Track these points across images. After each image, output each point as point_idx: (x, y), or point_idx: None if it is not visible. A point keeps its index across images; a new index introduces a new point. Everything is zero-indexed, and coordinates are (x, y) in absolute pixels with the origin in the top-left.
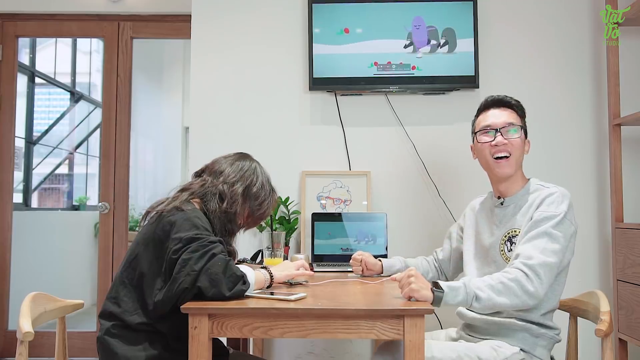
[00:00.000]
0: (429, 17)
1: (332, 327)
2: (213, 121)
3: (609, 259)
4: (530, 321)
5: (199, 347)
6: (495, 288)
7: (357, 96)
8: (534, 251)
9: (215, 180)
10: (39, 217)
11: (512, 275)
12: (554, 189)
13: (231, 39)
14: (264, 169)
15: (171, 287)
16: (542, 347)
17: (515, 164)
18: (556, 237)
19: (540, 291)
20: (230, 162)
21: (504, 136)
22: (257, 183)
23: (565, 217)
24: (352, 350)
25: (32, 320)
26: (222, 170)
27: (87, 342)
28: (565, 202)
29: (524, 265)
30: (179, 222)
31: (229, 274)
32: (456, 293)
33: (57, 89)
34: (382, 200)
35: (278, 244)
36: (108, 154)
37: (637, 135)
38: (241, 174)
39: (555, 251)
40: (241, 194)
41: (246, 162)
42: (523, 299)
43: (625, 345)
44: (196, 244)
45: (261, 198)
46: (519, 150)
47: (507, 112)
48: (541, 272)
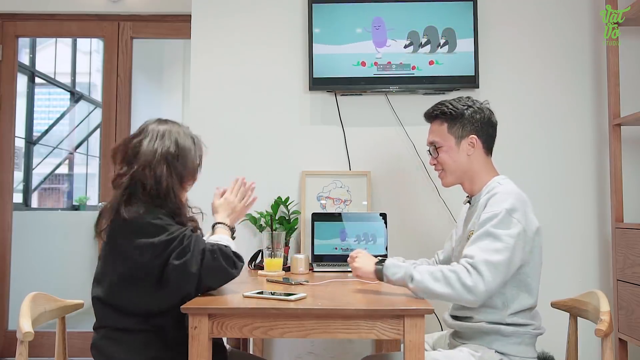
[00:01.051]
0: (429, 17)
1: (332, 327)
2: (213, 121)
3: (609, 259)
4: (498, 323)
5: (199, 347)
6: (434, 275)
7: (357, 96)
8: (476, 251)
9: (135, 165)
10: (39, 217)
11: (453, 268)
12: (499, 188)
13: (231, 39)
14: (180, 125)
15: (175, 294)
16: (517, 344)
17: (452, 175)
18: (498, 235)
19: (480, 286)
20: (148, 137)
21: (432, 155)
22: (171, 144)
23: (507, 215)
24: (352, 350)
25: (32, 320)
26: (139, 150)
27: (87, 342)
28: (508, 200)
29: (467, 262)
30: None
31: (225, 257)
32: (396, 270)
33: (57, 89)
34: (382, 200)
35: (278, 244)
36: (108, 154)
37: (637, 135)
38: (157, 143)
39: (498, 249)
40: (164, 165)
41: (161, 126)
42: (459, 291)
43: (625, 345)
44: (177, 245)
45: (181, 156)
46: (448, 163)
47: (433, 126)
48: (482, 268)
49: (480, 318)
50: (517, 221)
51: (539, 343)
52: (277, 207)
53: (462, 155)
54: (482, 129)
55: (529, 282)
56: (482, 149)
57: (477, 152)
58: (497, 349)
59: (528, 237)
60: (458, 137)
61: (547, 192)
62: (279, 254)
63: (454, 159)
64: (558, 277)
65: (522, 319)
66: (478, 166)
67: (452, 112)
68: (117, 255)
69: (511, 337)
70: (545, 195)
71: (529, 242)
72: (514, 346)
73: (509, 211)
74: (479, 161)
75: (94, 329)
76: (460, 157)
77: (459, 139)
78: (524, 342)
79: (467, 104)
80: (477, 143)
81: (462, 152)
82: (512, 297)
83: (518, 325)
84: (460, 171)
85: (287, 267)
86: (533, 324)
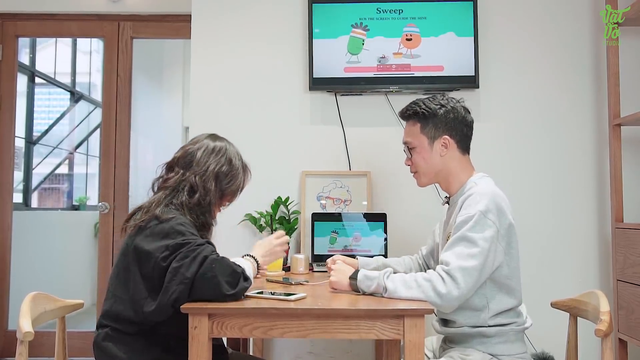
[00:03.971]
0: (429, 17)
1: (332, 327)
2: (213, 121)
3: (609, 259)
4: (480, 325)
5: (199, 347)
6: (407, 284)
7: (357, 96)
8: (452, 257)
9: (187, 173)
10: (39, 217)
11: (428, 276)
12: (474, 188)
13: (231, 39)
14: (233, 145)
15: (163, 297)
16: (502, 343)
17: (425, 176)
18: (472, 239)
19: (453, 293)
20: (202, 148)
21: (407, 154)
22: (225, 162)
23: (482, 217)
24: (352, 350)
25: (32, 320)
26: (193, 159)
27: (87, 342)
28: (481, 201)
29: (442, 269)
30: (164, 231)
31: (227, 273)
32: (370, 282)
33: (57, 89)
34: (382, 200)
35: None
36: (108, 153)
37: (637, 135)
38: (211, 158)
39: (472, 255)
40: (213, 180)
41: (216, 142)
42: (432, 298)
43: (625, 345)
44: (185, 250)
45: (230, 175)
46: (420, 165)
47: (407, 126)
48: (457, 275)
49: (463, 322)
50: (492, 222)
51: (539, 343)
52: (277, 207)
53: (435, 156)
54: (456, 128)
55: (509, 284)
56: (456, 149)
57: (451, 152)
58: (484, 350)
59: (502, 237)
60: (431, 138)
61: (547, 192)
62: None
63: (427, 160)
64: (558, 277)
65: (504, 319)
66: (453, 166)
67: (425, 112)
68: (136, 253)
69: (494, 337)
70: (545, 195)
71: (502, 241)
72: (500, 345)
73: (483, 213)
74: (454, 161)
75: (97, 327)
76: (433, 158)
77: (431, 140)
78: (509, 340)
79: (440, 103)
80: (450, 143)
81: (435, 153)
82: (493, 299)
83: (502, 326)
84: (434, 172)
85: (287, 267)
86: (516, 321)
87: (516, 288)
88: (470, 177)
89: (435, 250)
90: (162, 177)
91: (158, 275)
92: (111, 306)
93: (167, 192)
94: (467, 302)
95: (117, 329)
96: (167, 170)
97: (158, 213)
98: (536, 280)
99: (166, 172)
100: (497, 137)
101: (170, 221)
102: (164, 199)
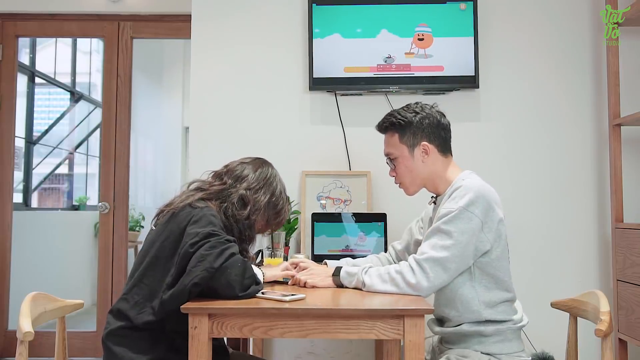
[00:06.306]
0: (429, 17)
1: (332, 327)
2: (213, 121)
3: (609, 259)
4: (477, 321)
5: (199, 347)
6: (382, 277)
7: (357, 96)
8: (426, 248)
9: (237, 185)
10: (39, 217)
11: (399, 268)
12: (461, 182)
13: (231, 39)
14: (280, 176)
15: (185, 278)
16: (500, 342)
17: (413, 184)
18: (447, 232)
19: (423, 283)
20: (253, 168)
21: (389, 166)
22: (276, 191)
23: (463, 211)
24: (352, 350)
25: (32, 320)
26: (245, 175)
27: (87, 342)
28: (466, 195)
29: (413, 259)
30: (194, 218)
31: (247, 275)
32: (351, 279)
33: (57, 89)
34: (382, 200)
35: (278, 244)
36: (108, 154)
37: (637, 135)
38: (264, 182)
39: (445, 246)
40: (265, 203)
41: (269, 169)
42: (404, 289)
43: (625, 346)
44: (214, 240)
45: (279, 206)
46: (405, 175)
47: (386, 137)
48: (426, 266)
49: (457, 319)
50: (475, 215)
51: (539, 343)
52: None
53: (418, 163)
54: (433, 133)
55: (498, 275)
56: (437, 152)
57: (432, 157)
58: (482, 350)
59: (488, 229)
60: (410, 146)
61: (547, 192)
62: (279, 254)
63: (411, 168)
64: (558, 277)
65: (500, 315)
66: (437, 170)
67: (401, 121)
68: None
69: (492, 336)
70: (545, 195)
71: (489, 233)
72: (497, 344)
73: (465, 206)
74: (437, 165)
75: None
76: (416, 165)
77: (411, 147)
78: (507, 339)
79: (415, 110)
80: (430, 149)
81: (417, 160)
82: (484, 292)
83: (498, 322)
84: (420, 179)
85: None
86: (512, 319)
87: (505, 280)
88: (458, 176)
89: (412, 246)
90: (207, 181)
91: (181, 259)
92: (123, 303)
93: (205, 194)
94: (455, 294)
95: (124, 327)
96: (215, 178)
97: (192, 202)
98: (536, 280)
99: (213, 179)
100: (497, 137)
101: (204, 209)
102: (200, 196)
